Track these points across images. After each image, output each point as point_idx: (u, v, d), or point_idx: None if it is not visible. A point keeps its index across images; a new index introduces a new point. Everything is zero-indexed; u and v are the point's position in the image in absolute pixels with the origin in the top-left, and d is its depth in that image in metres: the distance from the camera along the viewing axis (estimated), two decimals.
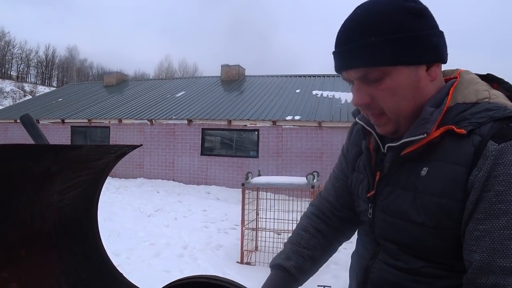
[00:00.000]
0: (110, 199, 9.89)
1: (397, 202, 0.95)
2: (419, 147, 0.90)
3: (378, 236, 1.02)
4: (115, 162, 1.20)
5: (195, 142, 14.26)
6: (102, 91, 20.65)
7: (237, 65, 19.68)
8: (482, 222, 0.79)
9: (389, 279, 0.98)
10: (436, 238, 0.88)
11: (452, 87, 0.94)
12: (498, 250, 0.77)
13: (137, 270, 4.66)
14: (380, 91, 0.91)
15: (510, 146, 0.78)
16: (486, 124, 0.84)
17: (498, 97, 0.90)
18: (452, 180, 0.84)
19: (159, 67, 52.74)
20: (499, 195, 0.77)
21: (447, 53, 0.94)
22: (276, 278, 1.16)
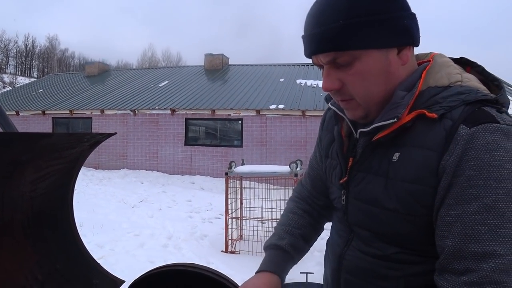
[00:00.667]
0: (93, 190, 9.79)
1: (369, 189, 0.94)
2: (390, 132, 0.88)
3: (351, 223, 1.01)
4: (89, 151, 1.18)
5: (179, 132, 14.17)
6: (83, 81, 20.30)
7: (220, 54, 19.53)
8: (454, 208, 0.78)
9: (363, 266, 0.97)
10: (409, 224, 0.87)
11: (424, 71, 0.92)
12: (470, 235, 0.76)
13: (121, 261, 4.63)
14: (350, 76, 0.89)
15: (481, 130, 0.77)
16: (458, 108, 0.82)
17: (471, 80, 0.88)
18: (423, 166, 0.83)
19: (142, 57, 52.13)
20: (470, 180, 0.76)
21: (419, 36, 0.92)
22: (273, 256, 1.15)
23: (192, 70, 19.64)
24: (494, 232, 0.74)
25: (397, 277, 0.90)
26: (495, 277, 0.73)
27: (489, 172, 0.75)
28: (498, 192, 0.74)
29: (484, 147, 0.76)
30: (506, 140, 0.76)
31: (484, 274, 0.74)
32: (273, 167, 5.74)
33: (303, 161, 6.41)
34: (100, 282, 1.26)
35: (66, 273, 1.21)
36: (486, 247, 0.74)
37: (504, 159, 0.75)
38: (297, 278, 2.35)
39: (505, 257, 0.73)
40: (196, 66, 20.53)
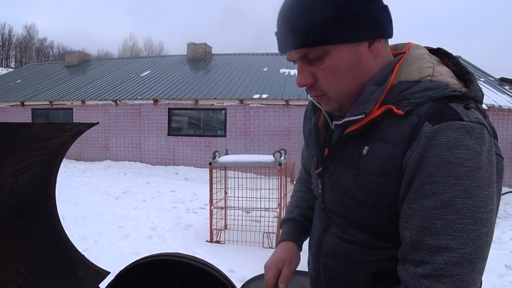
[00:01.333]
0: (75, 183, 9.67)
1: (341, 180, 0.97)
2: (360, 126, 0.91)
3: (328, 210, 1.05)
4: (71, 142, 1.16)
5: (162, 122, 14.05)
6: (63, 71, 19.89)
7: (203, 43, 19.34)
8: (414, 201, 0.81)
9: (339, 251, 1.01)
10: (377, 214, 0.90)
11: (397, 64, 0.92)
12: (426, 229, 0.79)
13: (105, 253, 4.60)
14: (321, 70, 0.90)
15: (444, 128, 0.78)
16: (425, 104, 0.83)
17: (442, 74, 0.89)
18: (389, 161, 0.85)
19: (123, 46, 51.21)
20: (430, 176, 0.78)
21: (391, 28, 0.93)
22: (287, 228, 1.29)
23: (174, 60, 19.42)
24: (450, 227, 0.77)
25: (369, 262, 0.94)
26: (449, 270, 0.76)
27: (448, 170, 0.77)
28: (456, 189, 0.76)
29: (445, 144, 0.77)
30: (468, 138, 0.77)
31: (438, 267, 0.77)
32: (257, 157, 5.75)
33: (287, 150, 6.43)
34: (85, 273, 1.24)
35: (50, 266, 1.19)
36: (441, 241, 0.77)
37: (465, 156, 0.76)
38: None
39: (458, 251, 0.76)
40: (179, 55, 20.29)
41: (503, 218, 8.71)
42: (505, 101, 12.36)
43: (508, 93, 13.16)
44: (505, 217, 8.78)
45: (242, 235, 5.43)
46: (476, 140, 0.78)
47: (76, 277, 1.21)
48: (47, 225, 1.26)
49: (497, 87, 13.78)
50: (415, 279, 0.80)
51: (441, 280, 0.77)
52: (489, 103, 12.08)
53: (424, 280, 0.79)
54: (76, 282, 1.20)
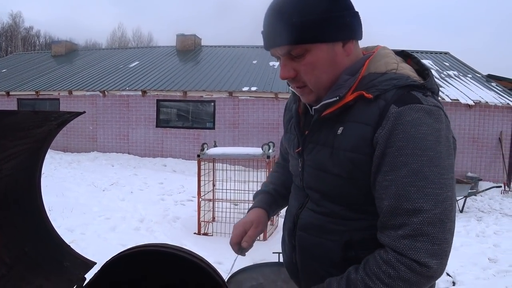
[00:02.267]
0: (62, 174, 9.57)
1: (318, 157, 1.11)
2: (335, 110, 1.05)
3: (306, 187, 1.18)
4: (57, 131, 1.14)
5: (150, 114, 13.95)
6: (50, 61, 19.59)
7: (193, 35, 19.20)
8: (388, 174, 0.94)
9: (314, 223, 1.14)
10: (350, 186, 1.04)
11: (368, 60, 1.08)
12: (402, 195, 0.92)
13: (92, 245, 4.58)
14: (303, 65, 1.05)
15: (408, 109, 0.93)
16: (391, 91, 0.99)
17: (404, 69, 1.05)
18: (361, 138, 0.99)
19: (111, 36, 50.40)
20: (400, 150, 0.92)
21: (361, 31, 1.09)
22: (259, 197, 1.45)
23: (163, 51, 19.25)
24: (421, 191, 0.90)
25: (342, 231, 1.08)
26: (424, 229, 0.90)
27: (415, 143, 0.91)
28: (423, 159, 0.91)
29: (410, 123, 0.92)
30: (428, 118, 0.93)
31: (415, 227, 0.90)
32: (245, 149, 5.75)
33: (276, 143, 6.43)
34: (71, 264, 1.24)
35: (35, 256, 1.18)
36: (415, 204, 0.90)
37: (427, 132, 0.92)
38: (270, 258, 2.38)
39: (431, 211, 0.90)
40: (168, 46, 20.12)
41: (487, 212, 8.86)
42: (491, 97, 12.52)
43: (495, 90, 13.33)
44: (489, 212, 8.93)
45: (230, 228, 5.42)
46: (435, 120, 0.94)
47: (61, 267, 1.20)
48: (32, 215, 1.25)
49: (484, 84, 13.94)
50: (397, 240, 0.92)
51: (419, 239, 0.90)
52: (475, 99, 12.23)
53: (404, 240, 0.91)
54: (61, 272, 1.19)
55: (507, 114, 12.29)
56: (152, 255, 1.17)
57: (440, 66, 15.95)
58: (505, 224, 7.34)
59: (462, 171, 11.98)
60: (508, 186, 11.66)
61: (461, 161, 12.11)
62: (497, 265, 4.93)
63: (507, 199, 10.37)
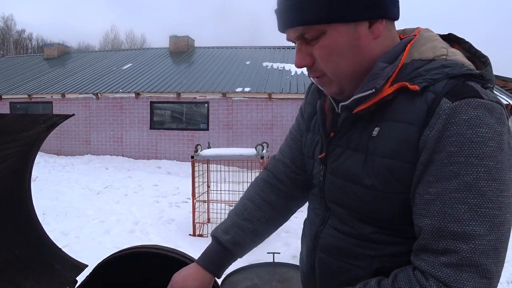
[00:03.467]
0: (56, 177, 9.51)
1: (347, 164, 0.91)
2: (370, 105, 0.85)
3: (328, 200, 0.99)
4: (46, 134, 1.14)
5: (144, 116, 13.91)
6: (42, 64, 19.49)
7: (186, 36, 19.18)
8: (433, 185, 0.76)
9: (338, 245, 0.95)
10: (385, 202, 0.84)
11: (409, 44, 0.88)
12: (449, 214, 0.73)
13: (87, 248, 4.55)
14: (318, 50, 0.87)
15: (464, 105, 0.73)
16: (441, 81, 0.78)
17: (456, 55, 0.85)
18: (403, 140, 0.79)
19: (104, 39, 50.30)
20: (451, 157, 0.73)
21: (395, 9, 0.88)
22: (212, 251, 1.13)
23: (156, 52, 19.22)
24: (474, 211, 0.72)
25: (372, 257, 0.89)
26: (475, 259, 0.71)
27: (471, 149, 0.72)
28: (480, 170, 0.72)
29: (466, 122, 0.73)
30: (489, 116, 0.73)
31: (464, 256, 0.72)
32: (239, 150, 5.75)
33: (270, 143, 6.45)
34: (62, 267, 1.23)
35: (26, 259, 1.18)
36: (466, 227, 0.72)
37: (487, 136, 0.72)
38: (264, 259, 2.38)
39: (485, 237, 0.71)
40: (161, 48, 20.10)
41: None
42: None
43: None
44: None
45: None
46: (497, 120, 0.74)
47: (52, 270, 1.20)
48: (22, 218, 1.24)
49: None
50: (437, 268, 0.74)
51: (466, 269, 0.71)
52: None
53: (447, 269, 0.73)
54: (52, 275, 1.19)
55: None
56: (144, 256, 1.16)
57: None
58: None
59: None
60: None
61: None
62: None
63: None
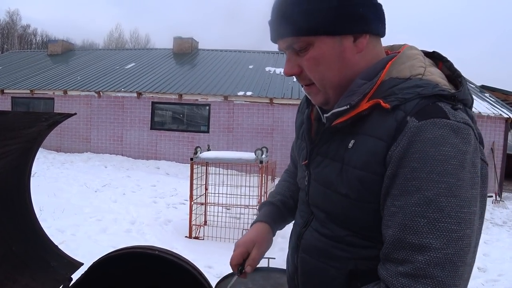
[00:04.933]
0: (55, 174, 9.52)
1: (325, 172, 0.97)
2: (347, 119, 0.90)
3: (311, 204, 1.05)
4: (48, 131, 1.15)
5: (145, 116, 13.92)
6: (46, 60, 19.51)
7: (190, 38, 19.21)
8: (397, 198, 0.80)
9: (317, 246, 1.01)
10: (358, 210, 0.90)
11: (390, 61, 0.93)
12: (409, 227, 0.77)
13: (82, 246, 4.56)
14: (306, 61, 0.93)
15: (430, 124, 0.78)
16: (413, 100, 0.83)
17: (433, 74, 0.89)
18: (373, 154, 0.85)
19: (109, 37, 50.26)
20: (414, 172, 0.77)
21: (380, 26, 0.94)
22: (265, 210, 1.29)
23: (160, 53, 19.25)
24: (433, 225, 0.75)
25: (347, 259, 0.94)
26: (429, 271, 0.74)
27: (433, 166, 0.76)
28: (440, 186, 0.75)
29: (430, 141, 0.77)
30: (454, 136, 0.77)
31: (418, 266, 0.75)
32: (238, 154, 5.76)
33: (270, 148, 6.45)
34: (57, 264, 1.24)
35: (22, 255, 1.19)
36: (423, 240, 0.75)
37: (450, 154, 0.76)
38: (260, 263, 2.38)
39: (441, 251, 0.74)
40: (165, 49, 20.12)
41: None
42: (484, 108, 12.62)
43: (488, 100, 13.43)
44: None
45: (222, 232, 5.43)
46: (462, 140, 0.78)
47: (48, 267, 1.21)
48: (20, 214, 1.25)
49: (478, 94, 14.05)
50: (394, 277, 0.78)
51: (421, 281, 0.75)
52: None
53: (403, 279, 0.77)
54: (48, 272, 1.20)
55: (500, 124, 12.39)
56: (139, 257, 1.17)
57: None
58: (495, 234, 7.39)
59: None
60: (499, 196, 11.73)
61: None
62: (486, 274, 4.96)
63: (497, 209, 10.43)
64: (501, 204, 10.99)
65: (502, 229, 8.07)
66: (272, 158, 6.56)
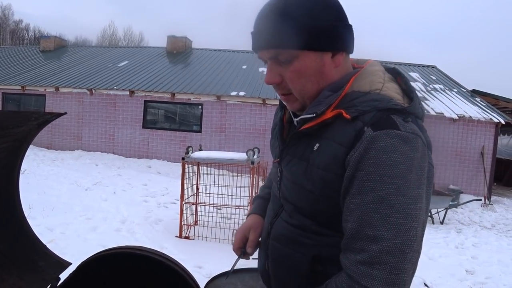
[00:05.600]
0: (44, 171, 9.43)
1: (293, 170, 1.09)
2: (314, 125, 1.03)
3: (282, 197, 1.17)
4: (38, 131, 1.14)
5: (137, 114, 13.87)
6: (38, 56, 19.36)
7: (184, 37, 19.17)
8: (355, 197, 0.93)
9: (285, 234, 1.13)
10: (321, 203, 1.03)
11: (354, 76, 1.06)
12: (365, 221, 0.91)
13: (72, 245, 4.52)
14: (289, 72, 1.03)
15: (383, 135, 0.91)
16: (370, 112, 0.96)
17: (389, 90, 1.03)
18: (334, 157, 0.97)
19: (102, 34, 49.79)
20: (369, 175, 0.90)
21: (353, 45, 1.08)
22: (256, 204, 1.44)
23: (153, 51, 19.19)
24: (384, 220, 0.89)
25: (311, 245, 1.07)
26: (382, 258, 0.88)
27: (384, 170, 0.89)
28: (391, 187, 0.89)
29: (382, 149, 0.90)
30: (403, 145, 0.90)
31: (373, 254, 0.89)
32: (230, 154, 5.75)
33: (262, 149, 6.46)
34: (46, 263, 1.23)
35: (10, 254, 1.18)
36: (376, 232, 0.89)
37: (399, 160, 0.89)
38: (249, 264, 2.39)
39: (391, 240, 0.88)
40: (158, 47, 20.05)
41: (467, 224, 8.99)
42: (475, 112, 12.74)
43: (479, 105, 13.56)
44: (469, 224, 9.07)
45: (212, 232, 5.43)
46: (410, 147, 0.91)
47: (36, 267, 1.20)
48: (8, 213, 1.24)
49: (469, 98, 14.18)
50: (354, 265, 0.91)
51: (376, 267, 0.88)
52: (460, 114, 12.42)
53: (361, 266, 0.90)
54: (36, 272, 1.19)
55: (490, 129, 12.51)
56: (128, 257, 1.17)
57: (427, 79, 16.18)
58: (483, 237, 7.47)
59: (444, 183, 12.14)
60: (488, 199, 11.85)
61: (444, 173, 12.29)
62: (474, 277, 5.02)
63: (486, 212, 10.54)
64: (490, 207, 11.11)
65: (491, 232, 8.17)
66: (264, 159, 6.56)
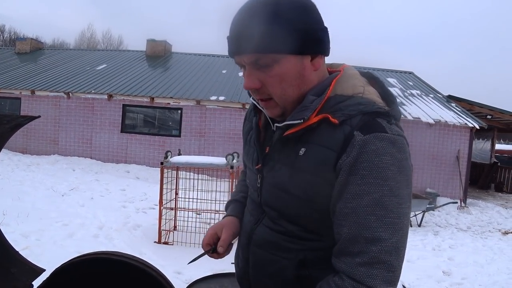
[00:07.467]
0: (19, 177, 9.20)
1: (278, 176, 1.08)
2: (299, 130, 1.02)
3: (263, 203, 1.16)
4: (10, 134, 1.11)
5: (115, 118, 13.69)
6: (13, 58, 18.91)
7: (163, 41, 19.05)
8: (350, 201, 0.94)
9: (269, 240, 1.12)
10: (308, 208, 1.03)
11: (334, 80, 1.06)
12: (362, 224, 0.92)
13: (48, 251, 4.43)
14: (270, 77, 1.01)
15: (373, 138, 0.93)
16: (356, 116, 0.97)
17: (371, 93, 1.04)
18: (323, 162, 0.98)
19: (80, 37, 48.98)
20: (363, 178, 0.92)
21: (329, 47, 1.07)
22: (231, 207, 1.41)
23: (132, 55, 19.00)
24: (381, 221, 0.91)
25: (297, 250, 1.07)
26: (381, 258, 0.90)
27: (378, 173, 0.91)
28: (384, 189, 0.91)
29: (374, 152, 0.92)
30: (391, 147, 0.93)
31: (373, 255, 0.90)
32: (209, 159, 5.74)
33: (241, 153, 6.45)
34: (18, 270, 1.20)
35: None
36: (375, 233, 0.91)
37: (389, 162, 0.92)
38: (228, 269, 2.38)
39: (388, 240, 0.91)
40: (138, 51, 19.86)
41: (443, 227, 9.16)
42: (451, 117, 13.03)
43: (454, 110, 13.88)
44: (445, 226, 9.24)
45: (192, 237, 5.39)
46: (398, 149, 0.94)
47: (8, 274, 1.17)
48: None
49: (445, 104, 14.50)
50: (354, 268, 0.92)
51: (376, 267, 0.90)
52: (436, 118, 12.68)
53: (362, 268, 0.91)
54: (7, 279, 1.16)
55: (465, 133, 12.81)
56: (104, 263, 1.15)
57: (404, 85, 16.48)
58: (459, 239, 7.63)
59: (421, 186, 12.36)
60: (464, 202, 12.12)
61: (421, 177, 12.51)
62: (450, 278, 5.11)
63: (462, 215, 10.77)
64: (465, 210, 11.35)
65: (466, 234, 8.34)
66: None
